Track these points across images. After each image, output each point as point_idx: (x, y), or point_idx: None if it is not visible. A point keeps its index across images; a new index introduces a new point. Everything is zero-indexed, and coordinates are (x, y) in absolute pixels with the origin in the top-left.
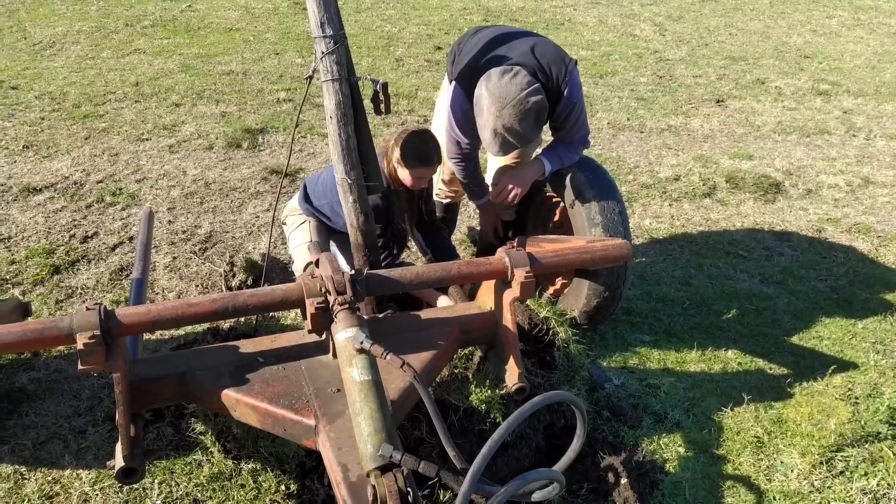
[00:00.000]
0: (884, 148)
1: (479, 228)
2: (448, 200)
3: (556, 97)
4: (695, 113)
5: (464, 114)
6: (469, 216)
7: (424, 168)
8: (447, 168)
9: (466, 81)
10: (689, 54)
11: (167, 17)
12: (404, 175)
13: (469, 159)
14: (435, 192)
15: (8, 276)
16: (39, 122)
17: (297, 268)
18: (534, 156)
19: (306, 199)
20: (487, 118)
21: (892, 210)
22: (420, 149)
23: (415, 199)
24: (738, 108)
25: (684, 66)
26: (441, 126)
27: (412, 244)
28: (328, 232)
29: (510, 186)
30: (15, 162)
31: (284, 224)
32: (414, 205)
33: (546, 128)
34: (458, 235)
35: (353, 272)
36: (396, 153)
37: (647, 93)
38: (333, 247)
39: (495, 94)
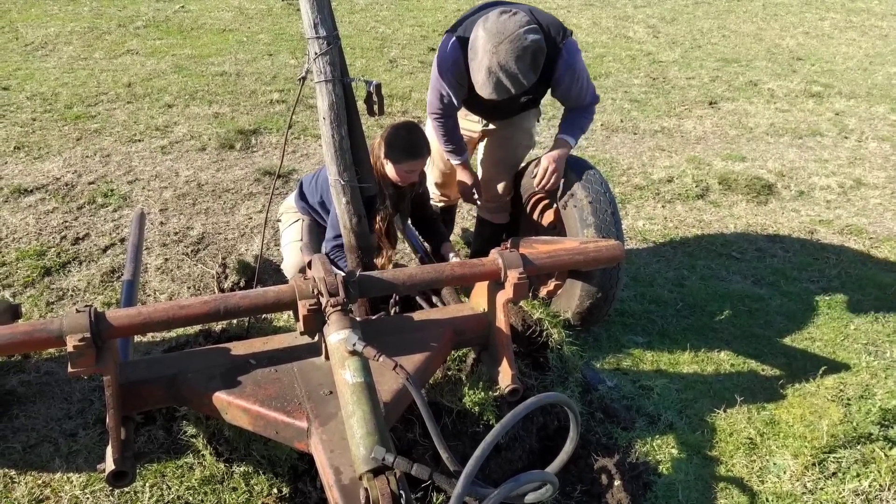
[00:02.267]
0: (875, 149)
1: (472, 230)
2: (442, 204)
3: (553, 55)
4: (688, 115)
5: (454, 61)
6: (463, 217)
7: (413, 161)
8: (439, 170)
9: (460, 30)
10: (683, 56)
11: (160, 17)
12: (392, 171)
13: (448, 116)
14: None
15: None
16: (31, 123)
17: (287, 265)
18: (554, 139)
19: (301, 196)
20: (483, 57)
21: (883, 212)
22: (408, 141)
23: (406, 196)
24: (731, 109)
25: (677, 67)
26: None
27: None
28: (321, 231)
29: (551, 168)
30: (6, 163)
31: (279, 221)
32: (405, 202)
33: (547, 121)
34: (453, 237)
35: (345, 274)
36: (383, 149)
37: (640, 94)
38: None
39: (492, 31)
